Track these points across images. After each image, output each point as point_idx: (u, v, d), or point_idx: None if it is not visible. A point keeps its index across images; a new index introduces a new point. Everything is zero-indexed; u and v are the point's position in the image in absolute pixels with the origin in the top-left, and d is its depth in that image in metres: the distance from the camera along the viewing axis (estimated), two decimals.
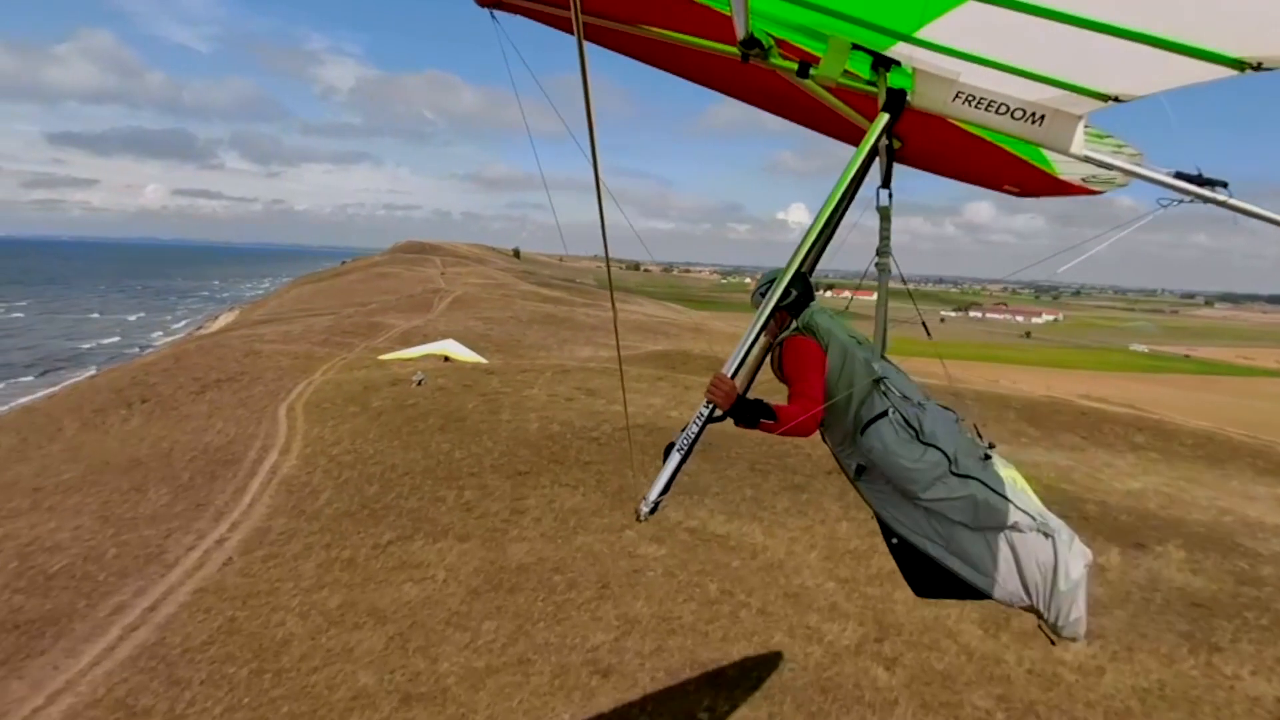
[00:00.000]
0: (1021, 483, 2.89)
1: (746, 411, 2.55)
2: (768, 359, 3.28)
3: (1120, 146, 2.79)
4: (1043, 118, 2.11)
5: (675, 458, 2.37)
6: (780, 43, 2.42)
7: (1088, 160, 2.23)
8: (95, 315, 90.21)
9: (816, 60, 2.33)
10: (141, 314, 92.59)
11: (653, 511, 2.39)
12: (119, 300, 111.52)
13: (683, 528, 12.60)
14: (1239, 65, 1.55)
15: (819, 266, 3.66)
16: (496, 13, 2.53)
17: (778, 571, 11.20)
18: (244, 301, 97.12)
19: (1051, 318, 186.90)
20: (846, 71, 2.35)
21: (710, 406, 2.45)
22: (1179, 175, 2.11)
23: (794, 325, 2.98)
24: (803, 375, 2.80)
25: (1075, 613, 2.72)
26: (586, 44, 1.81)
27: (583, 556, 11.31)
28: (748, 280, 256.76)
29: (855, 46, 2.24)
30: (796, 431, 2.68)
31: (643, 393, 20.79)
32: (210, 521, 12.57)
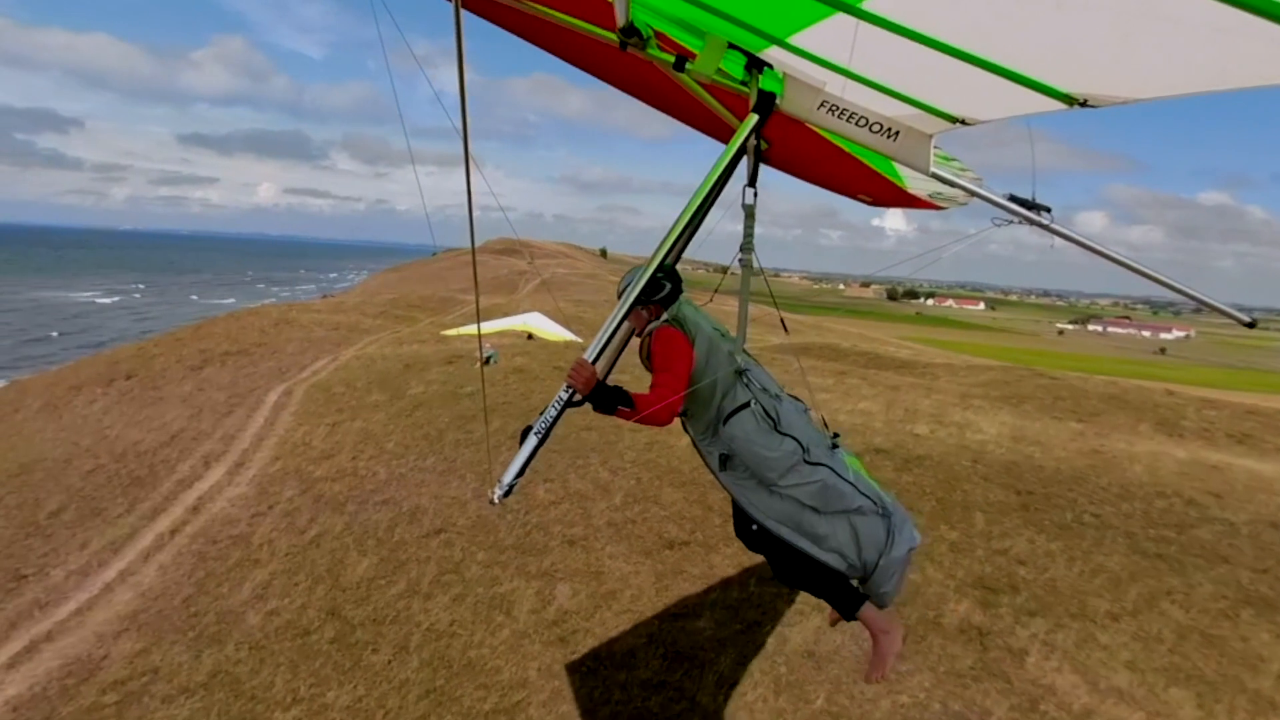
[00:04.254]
0: (863, 469, 2.95)
1: (605, 398, 2.44)
2: (638, 349, 3.10)
3: (963, 169, 3.02)
4: (897, 133, 2.18)
5: (533, 440, 2.25)
6: (659, 35, 2.37)
7: (934, 177, 2.27)
8: (230, 301, 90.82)
9: (693, 56, 2.35)
10: (268, 300, 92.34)
11: (506, 495, 2.24)
12: (247, 286, 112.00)
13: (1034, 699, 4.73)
14: (1069, 100, 1.68)
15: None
16: None
17: None
18: (353, 287, 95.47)
19: (1183, 334, 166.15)
20: (721, 70, 2.36)
21: (570, 391, 2.33)
22: (1012, 198, 2.20)
23: (664, 317, 2.86)
24: (667, 366, 2.69)
25: (888, 585, 2.84)
26: (465, 15, 1.89)
27: None
28: (840, 286, 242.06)
29: (731, 46, 2.26)
30: (653, 420, 2.55)
31: (837, 393, 12.93)
32: None
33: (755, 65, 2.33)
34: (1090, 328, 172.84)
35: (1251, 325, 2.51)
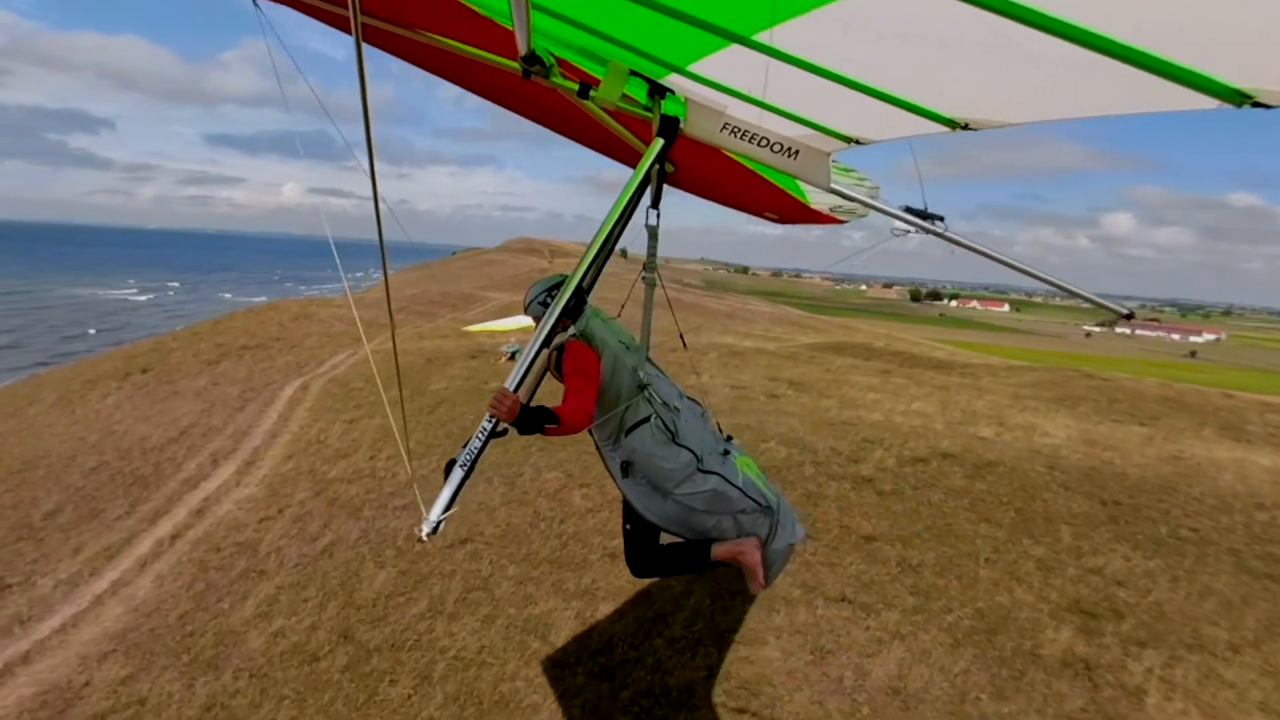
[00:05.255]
0: (755, 470, 3.10)
1: (530, 421, 2.44)
2: (548, 360, 3.17)
3: (861, 180, 3.21)
4: (797, 152, 2.23)
5: (459, 473, 2.23)
6: (562, 62, 2.38)
7: (833, 192, 2.34)
8: (261, 299, 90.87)
9: (597, 83, 2.34)
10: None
11: (434, 531, 2.17)
12: (276, 285, 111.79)
13: None
14: (952, 124, 1.79)
15: None
16: (264, 3, 2.32)
17: None
18: (376, 285, 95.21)
19: (1214, 336, 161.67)
20: (625, 96, 2.36)
21: (494, 421, 2.34)
22: (907, 209, 2.22)
23: (571, 330, 2.93)
24: (578, 377, 2.80)
25: (766, 573, 3.03)
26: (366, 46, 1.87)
27: None
28: (863, 287, 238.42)
29: (633, 73, 2.28)
30: (571, 425, 2.58)
31: (886, 393, 12.10)
32: None
33: (658, 91, 2.34)
34: (1118, 330, 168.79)
35: (1129, 317, 2.51)
